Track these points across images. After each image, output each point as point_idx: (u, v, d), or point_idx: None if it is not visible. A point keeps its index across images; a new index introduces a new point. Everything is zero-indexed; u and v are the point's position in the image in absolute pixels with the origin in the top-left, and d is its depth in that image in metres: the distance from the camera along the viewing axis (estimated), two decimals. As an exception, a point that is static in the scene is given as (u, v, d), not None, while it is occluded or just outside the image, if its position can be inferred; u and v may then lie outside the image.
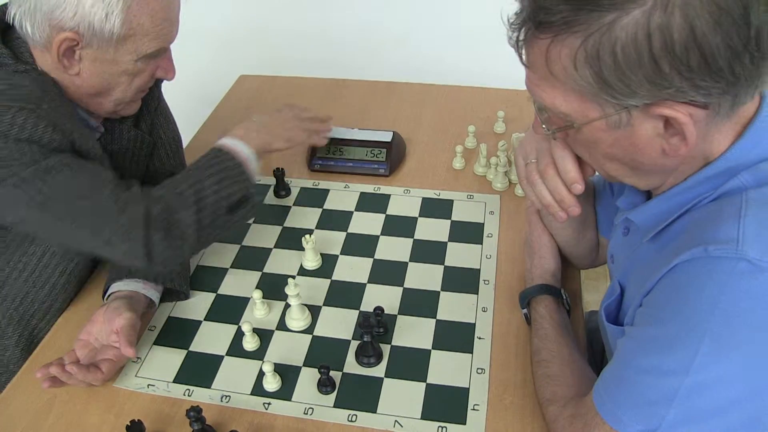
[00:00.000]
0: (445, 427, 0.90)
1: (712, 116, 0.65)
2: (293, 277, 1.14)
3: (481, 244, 1.20)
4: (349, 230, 1.25)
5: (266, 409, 0.95)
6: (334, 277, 1.15)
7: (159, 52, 0.98)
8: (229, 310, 1.10)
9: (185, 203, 0.93)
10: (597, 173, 0.85)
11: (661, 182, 0.77)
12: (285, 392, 0.96)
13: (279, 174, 1.32)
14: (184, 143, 1.49)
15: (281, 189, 1.34)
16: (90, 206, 0.89)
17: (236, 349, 1.03)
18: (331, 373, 0.96)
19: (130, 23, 0.91)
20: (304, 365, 1.00)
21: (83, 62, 0.94)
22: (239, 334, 1.05)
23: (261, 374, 0.97)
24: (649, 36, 0.60)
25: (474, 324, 1.05)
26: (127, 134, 1.11)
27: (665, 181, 0.76)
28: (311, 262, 1.16)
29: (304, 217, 1.29)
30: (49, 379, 0.94)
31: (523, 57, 0.71)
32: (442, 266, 1.16)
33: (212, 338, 1.05)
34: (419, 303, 1.09)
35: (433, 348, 1.01)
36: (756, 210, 0.65)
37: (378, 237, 1.23)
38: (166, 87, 1.20)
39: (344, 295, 1.11)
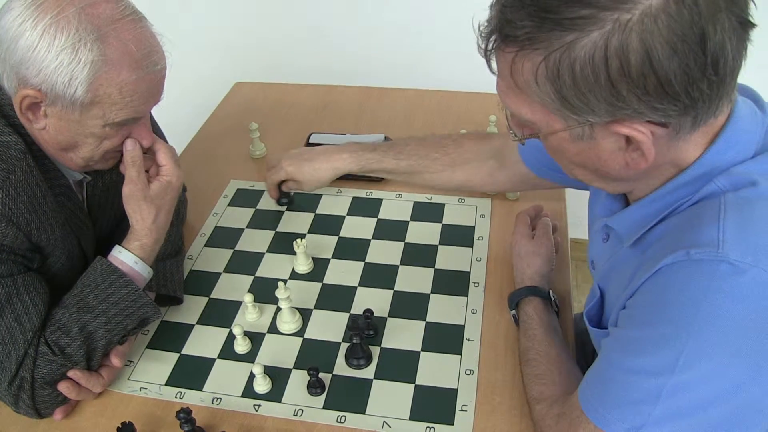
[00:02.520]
0: (433, 428, 0.91)
1: (673, 133, 0.67)
2: (284, 280, 1.15)
3: (472, 247, 1.21)
4: (341, 234, 1.26)
5: (256, 410, 0.95)
6: (325, 281, 1.16)
7: (129, 122, 0.93)
8: (221, 313, 1.11)
9: (75, 357, 0.93)
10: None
11: (630, 189, 0.79)
12: (275, 394, 0.97)
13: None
14: (180, 150, 1.51)
15: (283, 197, 1.34)
16: None
17: (228, 352, 1.04)
18: (321, 375, 0.97)
19: (96, 91, 0.86)
20: (294, 367, 1.01)
21: (49, 119, 0.89)
22: (231, 338, 1.06)
23: (251, 376, 0.98)
24: (606, 59, 0.61)
25: (463, 326, 1.06)
26: (116, 169, 1.05)
27: (634, 187, 0.78)
28: (303, 265, 1.17)
29: (297, 221, 1.30)
30: (61, 410, 0.95)
31: (492, 65, 0.72)
32: (433, 269, 1.17)
33: (204, 341, 1.07)
34: (409, 305, 1.10)
35: (422, 350, 1.02)
36: (735, 213, 0.67)
37: (369, 241, 1.24)
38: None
39: (335, 298, 1.12)
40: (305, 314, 1.09)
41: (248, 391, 0.98)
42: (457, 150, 1.22)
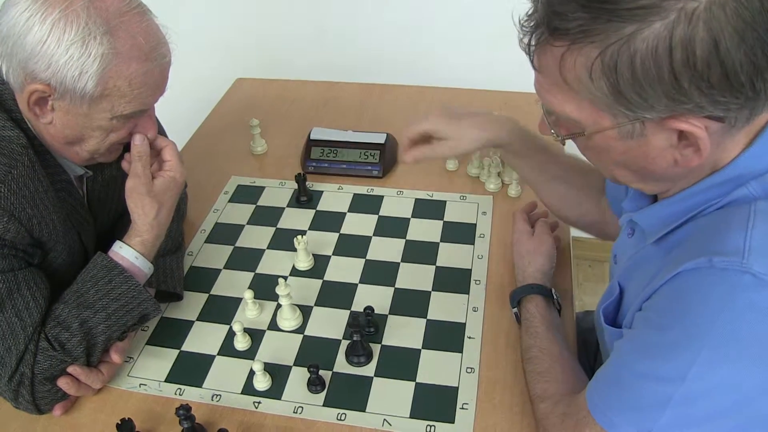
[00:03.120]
0: (434, 426, 0.91)
1: (727, 129, 0.64)
2: (285, 277, 1.15)
3: (473, 244, 1.20)
4: (342, 231, 1.25)
5: (256, 408, 0.95)
6: (325, 278, 1.15)
7: (136, 114, 0.94)
8: (221, 310, 1.11)
9: (75, 352, 0.93)
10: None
11: (667, 188, 0.76)
12: (275, 391, 0.97)
13: (301, 179, 1.31)
14: (181, 146, 1.50)
15: (302, 195, 1.33)
16: None
17: (228, 348, 1.04)
18: (321, 372, 0.97)
19: (105, 84, 0.87)
20: (294, 365, 1.01)
21: (56, 113, 0.89)
22: (231, 334, 1.05)
23: (252, 373, 0.98)
24: (670, 50, 0.58)
25: (464, 324, 1.05)
26: (116, 163, 1.05)
27: (674, 187, 0.75)
28: (303, 262, 1.17)
29: (298, 218, 1.29)
30: (60, 406, 0.95)
31: (534, 61, 0.69)
32: (434, 266, 1.16)
33: (204, 338, 1.06)
34: (410, 303, 1.09)
35: (423, 347, 1.02)
36: (763, 222, 0.64)
37: (370, 238, 1.23)
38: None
39: (335, 295, 1.12)
40: (305, 311, 1.09)
41: (248, 388, 0.98)
42: (582, 178, 1.10)
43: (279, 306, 1.07)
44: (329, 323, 1.07)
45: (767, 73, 0.59)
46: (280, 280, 1.04)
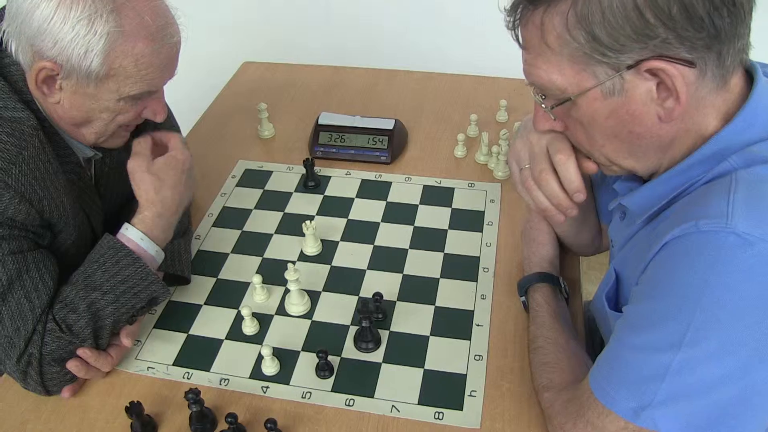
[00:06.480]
0: (442, 413, 0.91)
1: (700, 78, 0.68)
2: (293, 262, 1.15)
3: (481, 232, 1.20)
4: (350, 217, 1.25)
5: (264, 392, 0.95)
6: (334, 263, 1.15)
7: (144, 95, 0.94)
8: (229, 294, 1.11)
9: (83, 334, 0.92)
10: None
11: (658, 162, 0.78)
12: (283, 376, 0.97)
13: (309, 164, 1.31)
14: (187, 129, 1.50)
15: (310, 180, 1.32)
16: None
17: (236, 333, 1.04)
18: (330, 357, 0.97)
19: (111, 64, 0.87)
20: (302, 350, 1.01)
21: (64, 92, 0.89)
22: (239, 319, 1.05)
23: (260, 358, 0.98)
24: None
25: (472, 311, 1.05)
26: (125, 146, 1.05)
27: (662, 161, 0.77)
28: (311, 247, 1.17)
29: (305, 203, 1.29)
30: (69, 388, 0.95)
31: (520, 38, 0.75)
32: (442, 253, 1.16)
33: (212, 322, 1.06)
34: (418, 290, 1.09)
35: (431, 334, 1.02)
36: (745, 187, 0.67)
37: (378, 224, 1.23)
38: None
39: (344, 281, 1.12)
40: (314, 296, 1.09)
41: (256, 373, 0.98)
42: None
43: (287, 291, 1.06)
44: (337, 309, 1.07)
45: (723, 10, 0.65)
46: (290, 265, 1.04)
